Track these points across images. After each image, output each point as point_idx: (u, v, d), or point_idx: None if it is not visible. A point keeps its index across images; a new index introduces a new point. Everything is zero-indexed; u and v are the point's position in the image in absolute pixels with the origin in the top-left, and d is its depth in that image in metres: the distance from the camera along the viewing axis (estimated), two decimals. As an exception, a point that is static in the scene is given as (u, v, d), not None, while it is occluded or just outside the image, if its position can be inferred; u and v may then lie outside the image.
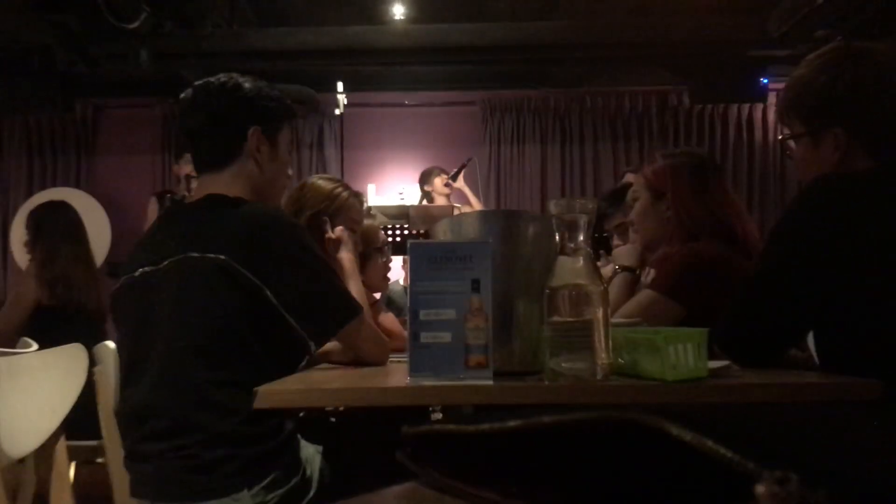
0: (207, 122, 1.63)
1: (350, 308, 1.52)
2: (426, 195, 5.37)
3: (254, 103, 1.64)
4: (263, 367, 1.39)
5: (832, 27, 4.80)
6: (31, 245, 3.25)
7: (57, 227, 3.27)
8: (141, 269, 1.52)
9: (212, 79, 1.66)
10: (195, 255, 1.44)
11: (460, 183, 5.35)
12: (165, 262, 1.48)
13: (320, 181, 2.22)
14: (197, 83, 1.66)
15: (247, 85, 1.64)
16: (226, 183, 1.60)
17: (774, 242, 1.38)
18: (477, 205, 5.41)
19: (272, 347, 1.47)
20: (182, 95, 1.66)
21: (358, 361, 1.56)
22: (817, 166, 1.40)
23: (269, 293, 1.43)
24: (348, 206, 2.17)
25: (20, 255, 4.80)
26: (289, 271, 1.46)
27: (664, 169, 1.98)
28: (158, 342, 1.45)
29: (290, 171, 1.78)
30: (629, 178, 5.11)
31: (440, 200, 5.27)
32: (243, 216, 1.50)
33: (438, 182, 5.33)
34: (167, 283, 1.47)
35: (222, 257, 1.42)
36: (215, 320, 1.43)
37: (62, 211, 3.37)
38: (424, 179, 5.43)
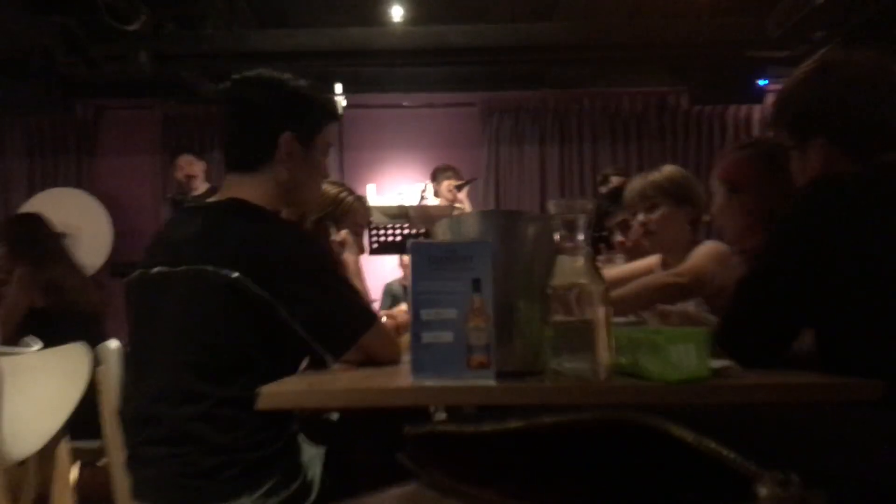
0: (240, 121, 1.58)
1: (365, 320, 1.51)
2: (434, 192, 5.42)
3: (292, 105, 1.58)
4: (269, 382, 1.38)
5: (830, 28, 4.80)
6: (17, 255, 3.24)
7: (39, 237, 3.29)
8: (158, 268, 1.49)
9: (252, 73, 1.60)
10: (209, 268, 1.41)
11: (462, 195, 5.38)
12: (180, 268, 1.45)
13: (325, 185, 2.22)
14: (237, 76, 1.60)
15: (288, 84, 1.59)
16: (252, 188, 1.56)
17: (771, 244, 1.40)
18: None
19: (282, 364, 1.46)
20: (221, 86, 1.61)
21: (371, 363, 1.55)
22: (807, 174, 1.46)
23: (283, 310, 1.41)
24: (353, 210, 2.17)
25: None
26: (303, 288, 1.44)
27: (737, 161, 1.96)
28: (164, 351, 1.44)
29: (325, 177, 1.71)
30: (616, 181, 5.18)
31: (441, 202, 5.30)
32: (260, 232, 1.47)
33: (445, 184, 5.36)
34: (178, 292, 1.45)
35: (235, 275, 1.39)
36: (224, 337, 1.41)
37: (39, 223, 3.38)
38: (433, 176, 5.47)
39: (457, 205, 5.21)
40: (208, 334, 1.42)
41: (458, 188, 5.28)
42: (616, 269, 2.47)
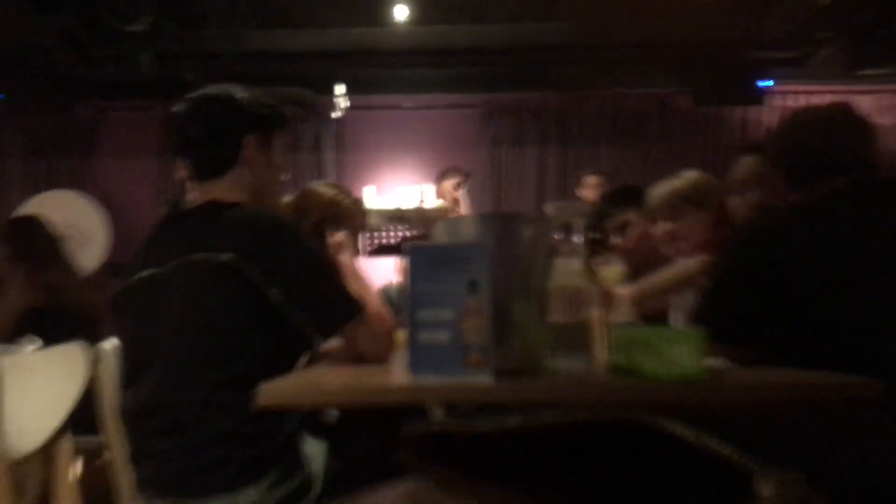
0: (203, 132, 1.66)
1: (353, 306, 1.53)
2: (437, 193, 5.45)
3: (247, 112, 1.68)
4: (265, 366, 1.40)
5: (832, 29, 4.81)
6: (16, 256, 3.23)
7: (38, 239, 3.28)
8: (145, 272, 1.53)
9: (204, 90, 1.70)
10: (200, 255, 1.46)
11: (459, 193, 5.41)
12: (170, 265, 1.49)
13: (322, 188, 2.24)
14: (190, 95, 1.70)
15: (239, 94, 1.69)
16: (224, 189, 1.64)
17: (721, 259, 1.68)
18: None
19: (275, 346, 1.49)
20: (175, 108, 1.70)
21: (360, 359, 1.56)
22: (773, 197, 1.84)
23: (273, 291, 1.45)
24: (350, 213, 2.18)
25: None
26: (293, 269, 1.48)
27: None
28: (163, 343, 1.46)
29: (286, 175, 1.81)
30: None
31: (444, 203, 5.33)
32: (246, 217, 1.53)
33: (447, 184, 5.38)
34: (173, 285, 1.48)
35: (228, 256, 1.44)
36: (221, 320, 1.44)
37: (39, 224, 3.38)
38: (437, 178, 5.49)
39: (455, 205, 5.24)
40: (205, 316, 1.45)
41: (457, 186, 5.31)
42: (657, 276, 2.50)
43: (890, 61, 5.15)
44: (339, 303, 1.52)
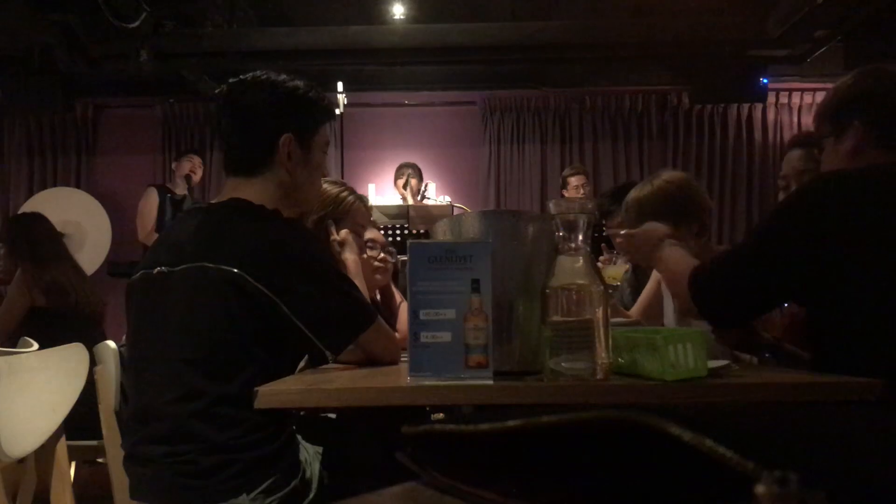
0: (239, 124, 1.58)
1: (365, 316, 1.51)
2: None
3: (288, 107, 1.58)
4: (270, 381, 1.37)
5: (832, 27, 4.80)
6: (17, 255, 3.23)
7: (39, 237, 3.28)
8: (158, 268, 1.50)
9: (247, 76, 1.60)
10: (210, 265, 1.42)
11: (406, 191, 5.50)
12: (181, 267, 1.46)
13: (326, 184, 2.21)
14: (233, 80, 1.61)
15: (283, 86, 1.59)
16: (253, 190, 1.56)
17: (764, 224, 1.49)
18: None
19: (282, 361, 1.47)
20: (217, 91, 1.61)
21: (369, 363, 1.55)
22: (838, 159, 1.53)
23: (283, 307, 1.41)
24: (354, 210, 2.16)
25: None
26: (303, 284, 1.44)
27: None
28: (165, 348, 1.44)
29: (324, 172, 1.72)
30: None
31: (403, 200, 5.42)
32: (260, 229, 1.47)
33: (399, 182, 5.49)
34: (179, 290, 1.45)
35: (235, 270, 1.40)
36: (224, 334, 1.41)
37: (40, 222, 3.37)
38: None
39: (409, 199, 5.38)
40: (209, 330, 1.42)
41: (404, 183, 5.42)
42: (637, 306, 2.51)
43: (888, 58, 5.14)
44: (350, 316, 1.49)
